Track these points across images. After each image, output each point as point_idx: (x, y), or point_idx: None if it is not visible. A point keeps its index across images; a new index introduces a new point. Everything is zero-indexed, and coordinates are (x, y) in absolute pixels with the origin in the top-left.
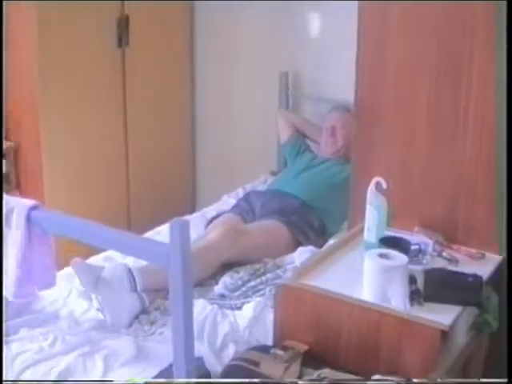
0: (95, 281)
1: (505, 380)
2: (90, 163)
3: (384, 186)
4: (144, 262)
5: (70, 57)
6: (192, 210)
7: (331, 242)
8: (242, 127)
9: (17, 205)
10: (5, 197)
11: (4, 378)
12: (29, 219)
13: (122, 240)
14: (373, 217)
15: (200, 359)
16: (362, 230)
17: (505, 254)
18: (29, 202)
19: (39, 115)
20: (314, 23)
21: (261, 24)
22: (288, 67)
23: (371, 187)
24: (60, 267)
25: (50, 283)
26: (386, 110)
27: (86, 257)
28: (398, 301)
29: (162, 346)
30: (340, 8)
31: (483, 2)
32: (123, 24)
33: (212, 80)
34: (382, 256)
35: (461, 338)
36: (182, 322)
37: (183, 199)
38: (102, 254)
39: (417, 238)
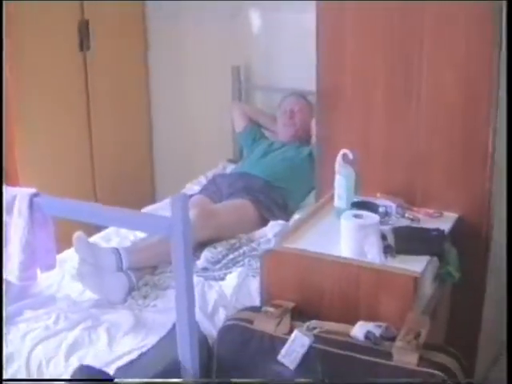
0: (90, 257)
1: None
2: (59, 161)
3: (350, 156)
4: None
5: (35, 61)
6: (152, 202)
7: (296, 216)
8: (197, 120)
9: (19, 193)
10: (5, 187)
11: (3, 377)
12: (31, 206)
13: (126, 216)
14: (342, 185)
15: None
16: (330, 199)
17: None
18: (30, 190)
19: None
20: (259, 19)
21: (211, 23)
22: (239, 61)
23: (339, 159)
24: None
25: (52, 265)
26: (345, 92)
27: None
28: (373, 255)
29: (158, 316)
30: (281, 3)
31: None
32: (83, 28)
33: (167, 78)
34: (356, 216)
35: (427, 287)
36: (184, 286)
37: (144, 192)
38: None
39: (380, 202)
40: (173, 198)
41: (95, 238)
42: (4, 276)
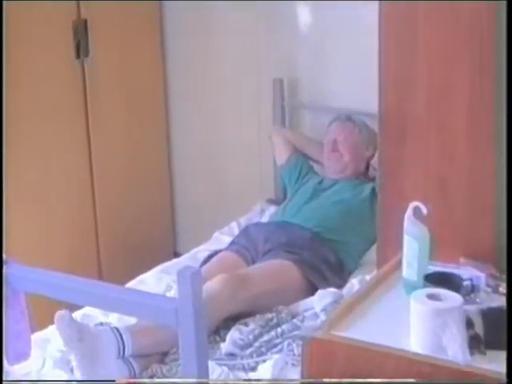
0: (78, 339)
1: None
2: (50, 203)
3: (424, 211)
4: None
5: (20, 76)
6: (172, 254)
7: (354, 281)
8: (229, 148)
9: None
10: None
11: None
12: None
13: (117, 297)
14: (413, 250)
15: None
16: (396, 266)
17: None
18: None
19: None
20: (310, 16)
21: (243, 21)
22: (282, 73)
23: (409, 214)
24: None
25: (24, 354)
26: (417, 119)
27: None
28: (455, 350)
29: None
30: None
31: None
32: (80, 30)
33: (190, 94)
34: (431, 297)
35: None
36: None
37: (161, 240)
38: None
39: (464, 271)
40: (180, 271)
41: (89, 311)
42: None
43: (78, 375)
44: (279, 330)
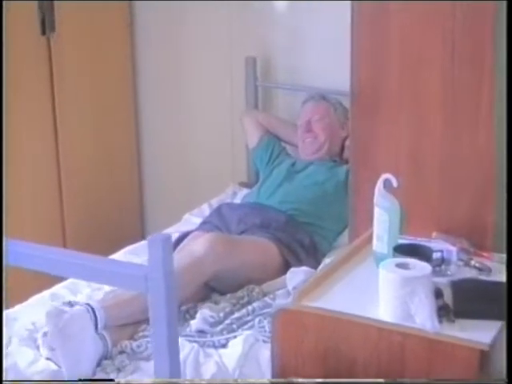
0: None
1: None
2: (16, 180)
3: (394, 184)
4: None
5: None
6: (140, 236)
7: (327, 261)
8: (199, 129)
9: None
10: None
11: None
12: None
13: (88, 265)
14: (383, 222)
15: None
16: (368, 241)
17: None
18: None
19: None
20: None
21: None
22: (255, 51)
23: (379, 186)
24: None
25: None
26: (389, 92)
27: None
28: (423, 318)
29: None
30: None
31: None
32: (46, 4)
33: (159, 72)
34: (400, 266)
35: (499, 362)
36: (166, 357)
37: (129, 226)
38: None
39: (436, 244)
40: (151, 238)
41: (58, 289)
42: None
43: (44, 352)
44: (250, 307)
